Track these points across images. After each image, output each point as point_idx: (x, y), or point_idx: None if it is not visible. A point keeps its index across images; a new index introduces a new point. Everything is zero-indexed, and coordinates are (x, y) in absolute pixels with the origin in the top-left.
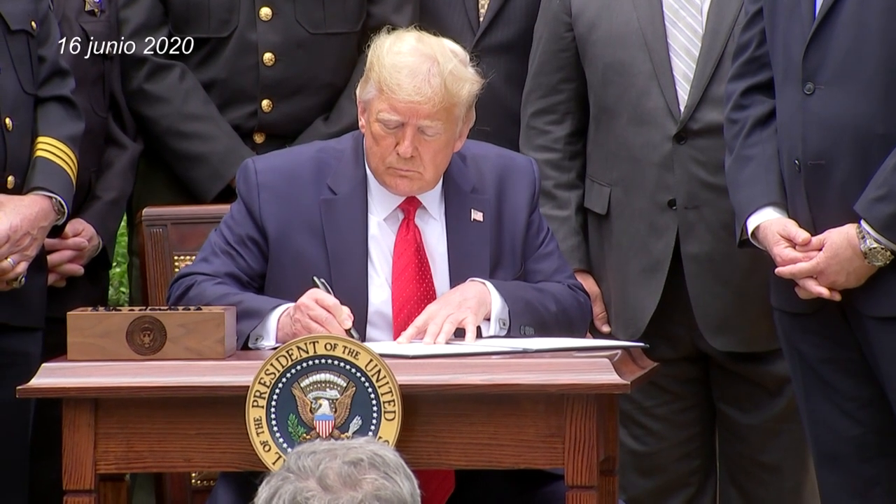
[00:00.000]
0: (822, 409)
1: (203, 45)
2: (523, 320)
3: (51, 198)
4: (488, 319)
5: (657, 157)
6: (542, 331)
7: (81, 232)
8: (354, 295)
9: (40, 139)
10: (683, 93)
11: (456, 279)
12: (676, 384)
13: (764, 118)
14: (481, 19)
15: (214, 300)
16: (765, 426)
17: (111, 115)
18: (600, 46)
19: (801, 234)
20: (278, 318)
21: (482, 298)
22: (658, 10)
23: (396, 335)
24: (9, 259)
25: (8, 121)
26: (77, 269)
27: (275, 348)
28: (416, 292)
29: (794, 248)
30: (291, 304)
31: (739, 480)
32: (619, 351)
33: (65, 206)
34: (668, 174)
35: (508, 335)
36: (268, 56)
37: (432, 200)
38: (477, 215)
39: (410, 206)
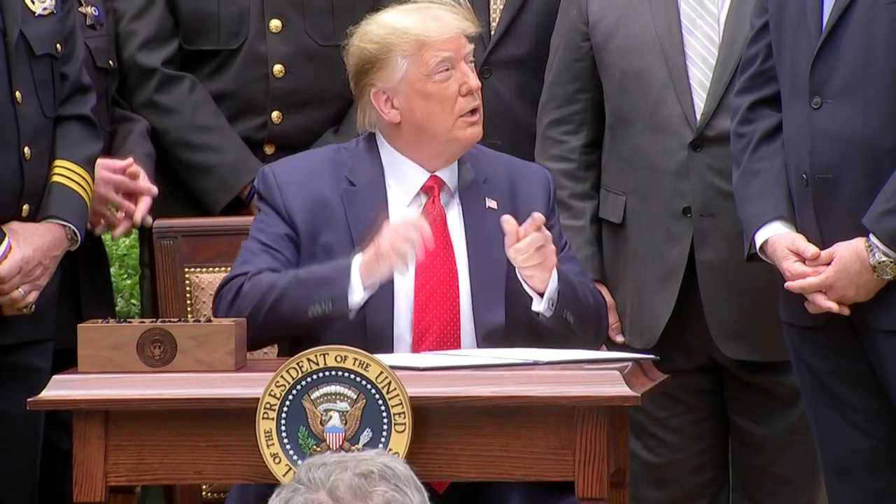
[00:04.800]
0: (832, 422)
1: (213, 57)
2: (568, 305)
3: (64, 226)
4: (541, 295)
5: (673, 165)
6: (579, 321)
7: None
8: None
9: (57, 163)
10: (699, 101)
11: (475, 262)
12: (691, 395)
13: (770, 132)
14: (492, 33)
15: (275, 282)
16: (778, 437)
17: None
18: (617, 55)
19: (810, 249)
20: (358, 270)
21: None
22: (675, 18)
23: (417, 312)
24: (20, 289)
25: (26, 150)
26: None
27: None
28: (440, 268)
29: (804, 262)
30: (360, 256)
31: (752, 492)
32: (630, 363)
33: (78, 235)
34: (683, 182)
35: (552, 317)
36: (278, 68)
37: (452, 179)
38: (491, 203)
39: (434, 184)
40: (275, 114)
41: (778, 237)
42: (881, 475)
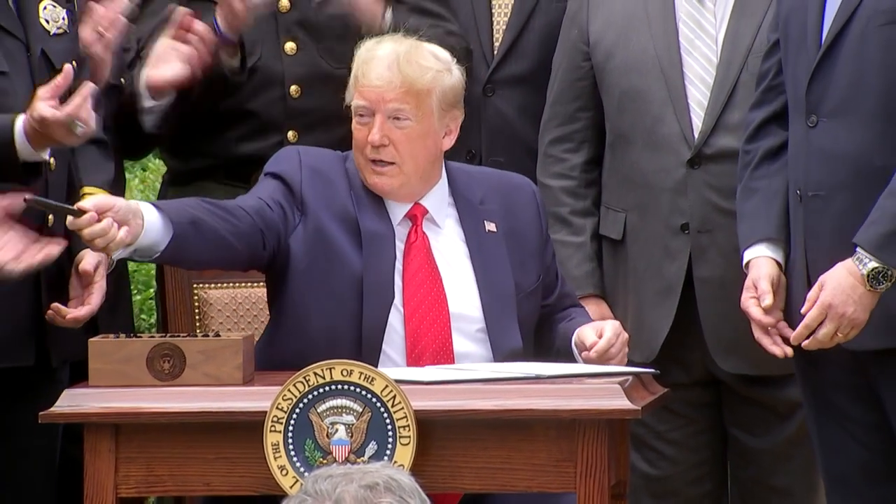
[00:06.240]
0: (832, 434)
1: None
2: None
3: (109, 257)
4: None
5: (671, 182)
6: None
7: None
8: (384, 288)
9: (85, 190)
10: (697, 119)
11: (484, 289)
12: (689, 409)
13: (773, 151)
14: (495, 52)
15: None
16: (776, 450)
17: None
18: (617, 74)
19: (766, 298)
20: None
21: None
22: (674, 39)
23: (409, 342)
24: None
25: (52, 160)
26: None
27: None
28: (427, 295)
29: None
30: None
31: None
32: (631, 377)
33: (114, 260)
34: (681, 199)
35: None
36: (294, 88)
37: (439, 206)
38: (490, 226)
39: (418, 213)
40: (290, 133)
41: (753, 259)
42: (880, 487)
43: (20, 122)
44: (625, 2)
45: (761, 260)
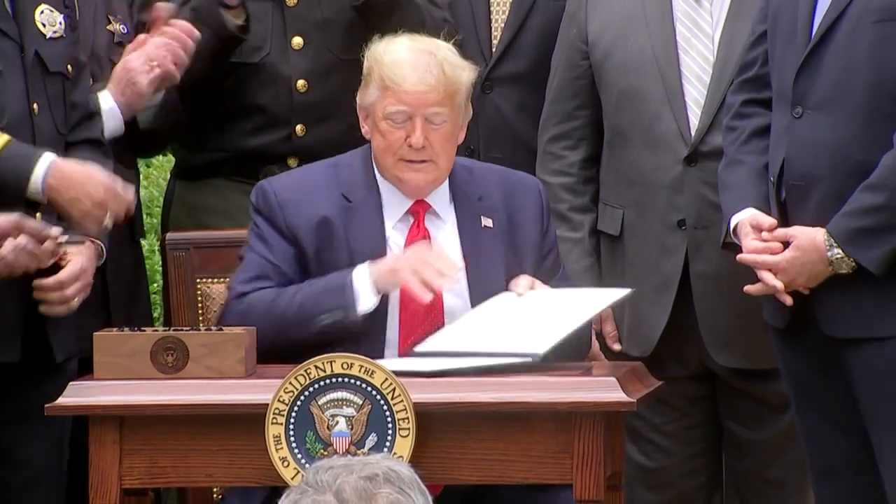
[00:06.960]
0: (815, 424)
1: (234, 69)
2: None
3: (95, 243)
4: None
5: (668, 180)
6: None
7: None
8: (379, 314)
9: None
10: (694, 118)
11: (475, 283)
12: (685, 402)
13: (762, 129)
14: (493, 50)
15: (276, 300)
16: (770, 442)
17: None
18: (615, 73)
19: (768, 221)
20: (369, 277)
21: None
22: (671, 38)
23: (403, 330)
24: (76, 299)
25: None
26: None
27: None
28: None
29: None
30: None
31: (745, 495)
32: (626, 370)
33: (104, 252)
34: (678, 195)
35: None
36: (301, 83)
37: (441, 202)
38: (487, 222)
39: (420, 209)
40: (298, 127)
41: (745, 217)
42: (865, 475)
43: (44, 165)
44: (623, 2)
45: (751, 214)
